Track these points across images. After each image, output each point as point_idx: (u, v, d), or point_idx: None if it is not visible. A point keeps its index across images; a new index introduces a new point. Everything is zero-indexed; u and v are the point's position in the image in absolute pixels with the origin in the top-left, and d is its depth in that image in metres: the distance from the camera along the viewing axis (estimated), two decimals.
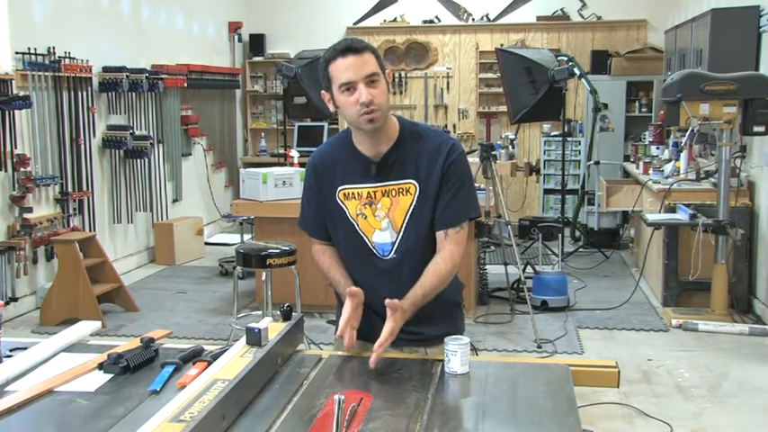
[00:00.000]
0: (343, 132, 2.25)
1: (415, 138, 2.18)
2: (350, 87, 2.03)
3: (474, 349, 2.44)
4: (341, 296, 2.21)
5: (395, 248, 2.18)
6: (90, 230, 6.29)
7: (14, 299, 5.54)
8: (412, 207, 2.16)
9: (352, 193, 2.19)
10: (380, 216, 2.17)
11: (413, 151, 2.16)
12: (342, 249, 2.27)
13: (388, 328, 2.02)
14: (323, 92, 2.12)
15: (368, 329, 2.17)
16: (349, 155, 2.20)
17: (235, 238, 8.02)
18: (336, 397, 1.63)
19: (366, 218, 2.18)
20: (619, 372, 2.03)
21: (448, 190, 2.16)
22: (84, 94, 6.32)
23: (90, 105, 6.39)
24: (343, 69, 2.03)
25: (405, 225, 2.16)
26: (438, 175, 2.14)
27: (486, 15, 9.39)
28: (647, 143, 7.34)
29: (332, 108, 2.13)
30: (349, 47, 2.03)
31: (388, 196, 2.17)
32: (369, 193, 2.17)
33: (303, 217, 2.35)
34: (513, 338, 5.13)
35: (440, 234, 2.18)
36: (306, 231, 2.35)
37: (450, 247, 2.17)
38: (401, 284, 2.13)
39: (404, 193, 2.16)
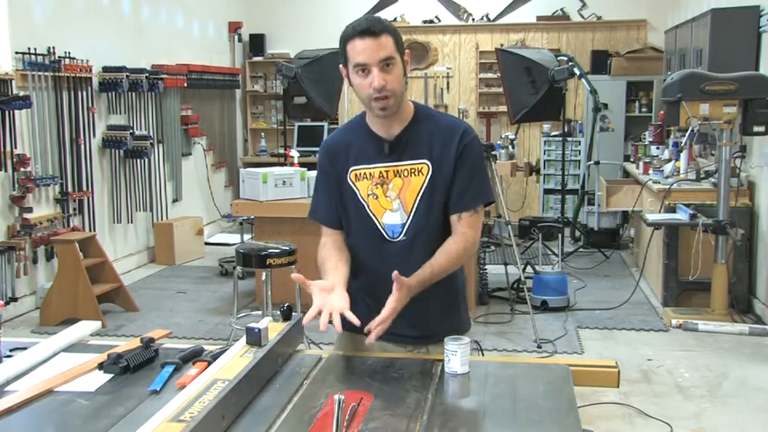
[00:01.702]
0: (358, 116, 2.25)
1: (429, 119, 2.19)
2: (364, 69, 2.03)
3: (480, 350, 2.42)
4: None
5: (405, 230, 2.16)
6: (90, 230, 6.29)
7: (14, 299, 5.54)
8: (423, 188, 2.14)
9: (364, 174, 2.18)
10: (392, 197, 2.16)
11: (426, 132, 2.16)
12: (351, 234, 2.24)
13: (391, 306, 1.98)
14: (341, 66, 2.11)
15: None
16: (362, 136, 2.20)
17: (235, 238, 8.03)
18: (336, 397, 1.63)
19: (377, 198, 2.17)
20: (619, 372, 2.03)
21: (462, 173, 2.14)
22: (84, 94, 6.32)
23: (90, 105, 6.39)
24: (359, 51, 2.02)
25: (416, 206, 2.15)
26: (452, 157, 2.13)
27: (486, 15, 9.39)
28: (647, 143, 7.34)
29: (348, 84, 2.12)
30: (367, 29, 2.01)
31: (399, 176, 2.15)
32: (381, 172, 2.16)
33: (314, 206, 2.31)
34: (513, 338, 5.13)
35: (453, 218, 2.17)
36: (317, 221, 2.30)
37: (464, 230, 2.16)
38: (410, 268, 2.10)
39: (416, 173, 2.14)
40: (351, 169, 2.19)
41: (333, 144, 2.27)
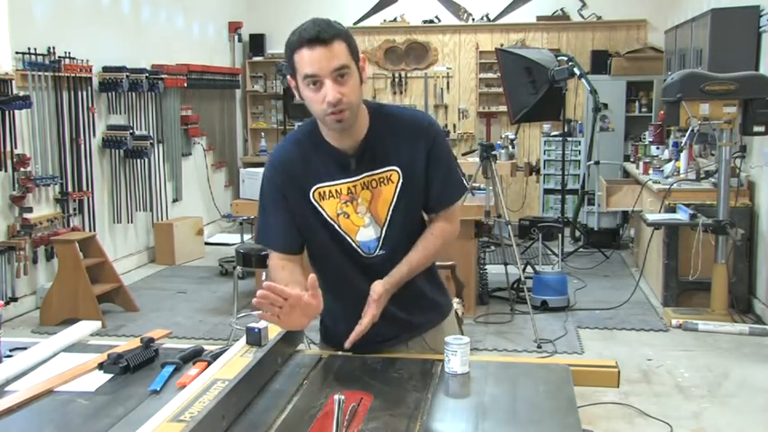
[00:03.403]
0: (306, 126, 2.04)
1: (388, 118, 2.01)
2: (315, 81, 1.82)
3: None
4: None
5: (381, 244, 2.02)
6: (90, 230, 6.29)
7: (14, 299, 5.54)
8: (396, 197, 1.99)
9: (330, 192, 1.99)
10: (362, 212, 2.00)
11: (389, 135, 1.99)
12: (319, 255, 2.09)
13: (367, 319, 1.94)
14: (289, 77, 1.90)
15: (368, 338, 2.14)
16: (319, 149, 1.99)
17: (235, 238, 8.03)
18: (336, 397, 1.63)
19: (348, 216, 2.00)
20: (619, 372, 2.02)
21: (436, 174, 2.03)
22: (84, 94, 6.32)
23: (90, 105, 6.39)
24: (308, 62, 1.81)
25: (389, 217, 2.00)
26: (422, 159, 2.00)
27: (486, 15, 9.39)
28: (647, 143, 7.34)
29: (298, 97, 1.90)
30: (316, 36, 1.79)
31: (368, 188, 1.98)
32: (349, 188, 1.98)
33: (264, 231, 2.07)
34: (513, 338, 5.13)
35: (431, 216, 2.11)
36: (270, 247, 2.07)
37: (440, 223, 2.08)
38: None
39: (385, 182, 1.98)
40: (314, 188, 1.99)
41: (286, 160, 2.03)
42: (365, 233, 2.02)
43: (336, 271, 2.08)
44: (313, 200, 2.00)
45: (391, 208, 2.01)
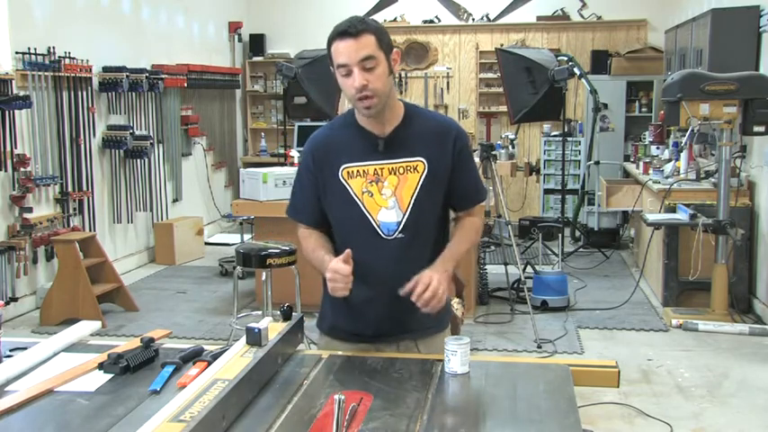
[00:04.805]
0: (346, 114, 2.23)
1: (420, 116, 2.20)
2: (346, 70, 2.02)
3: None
4: (325, 278, 2.15)
5: (401, 227, 2.14)
6: (90, 230, 6.29)
7: (14, 299, 5.54)
8: (419, 186, 2.14)
9: (357, 171, 2.14)
10: (387, 194, 2.14)
11: (420, 129, 2.17)
12: (342, 233, 2.21)
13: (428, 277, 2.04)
14: (331, 66, 2.10)
15: (367, 325, 2.17)
16: (353, 133, 2.17)
17: (235, 238, 8.03)
18: (336, 397, 1.63)
19: (372, 195, 2.14)
20: (619, 372, 2.03)
21: (468, 174, 2.23)
22: (84, 94, 6.32)
23: (90, 105, 6.39)
24: (339, 52, 2.02)
25: (412, 204, 2.14)
26: (449, 157, 2.16)
27: (486, 15, 9.39)
28: (647, 143, 7.34)
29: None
30: (345, 30, 2.01)
31: (395, 174, 2.14)
32: (375, 170, 2.14)
33: (294, 205, 2.29)
34: (513, 338, 5.13)
35: (461, 213, 2.29)
36: (296, 220, 2.28)
37: (476, 219, 2.30)
38: (407, 265, 2.10)
39: (411, 170, 2.14)
40: (343, 167, 2.15)
41: (321, 142, 2.23)
42: (387, 215, 2.15)
43: (353, 249, 2.13)
44: (341, 178, 2.15)
45: (415, 195, 2.15)
